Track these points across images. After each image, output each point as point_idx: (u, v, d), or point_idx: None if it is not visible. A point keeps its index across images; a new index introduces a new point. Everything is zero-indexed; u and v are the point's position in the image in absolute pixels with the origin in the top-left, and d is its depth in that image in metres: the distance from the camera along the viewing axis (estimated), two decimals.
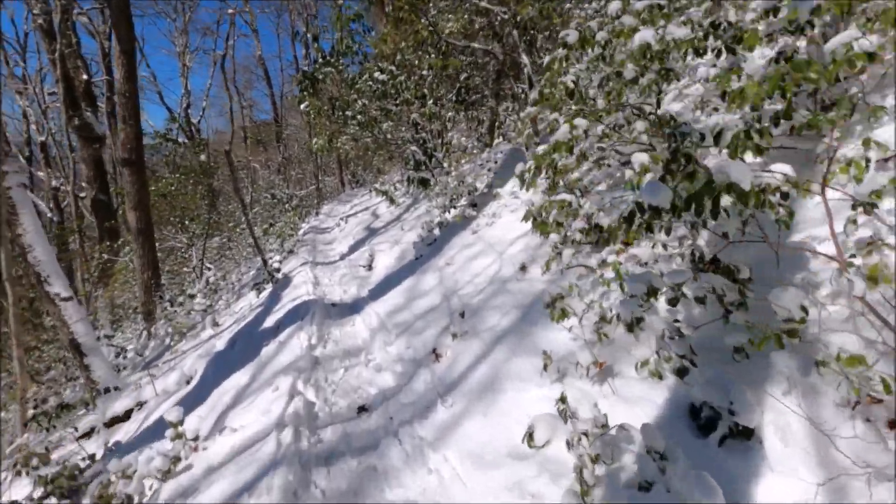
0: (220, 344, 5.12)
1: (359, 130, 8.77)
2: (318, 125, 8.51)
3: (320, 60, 7.97)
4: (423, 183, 8.34)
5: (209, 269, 10.91)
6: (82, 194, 12.65)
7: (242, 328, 5.19)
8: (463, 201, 6.12)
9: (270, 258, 8.06)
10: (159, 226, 11.06)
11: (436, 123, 8.72)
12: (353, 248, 7.72)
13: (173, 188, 10.07)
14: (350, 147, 10.09)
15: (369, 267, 6.10)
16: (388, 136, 8.16)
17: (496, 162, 6.74)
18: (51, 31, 11.67)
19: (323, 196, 18.03)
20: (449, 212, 6.05)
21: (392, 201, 9.24)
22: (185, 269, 10.39)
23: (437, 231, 5.91)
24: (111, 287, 11.31)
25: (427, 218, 6.97)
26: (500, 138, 8.30)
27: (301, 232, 11.00)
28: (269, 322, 4.85)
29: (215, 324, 6.70)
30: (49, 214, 12.77)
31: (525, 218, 4.34)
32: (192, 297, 7.52)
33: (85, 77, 12.20)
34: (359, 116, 7.54)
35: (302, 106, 8.20)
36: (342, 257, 7.51)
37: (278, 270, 6.37)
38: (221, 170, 19.78)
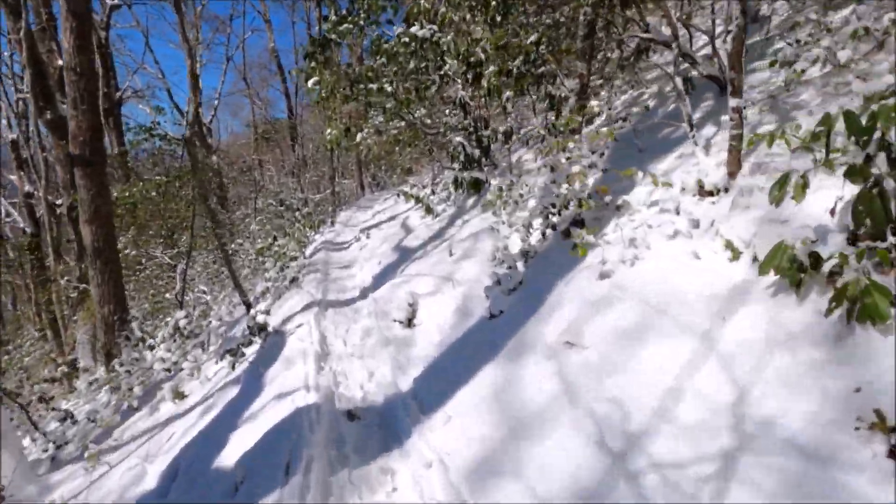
0: (151, 476, 2.88)
1: (386, 118, 6.51)
2: (331, 109, 6.29)
3: (334, 18, 5.73)
4: (476, 186, 6.04)
5: (204, 292, 8.80)
6: (58, 201, 10.80)
7: (190, 453, 2.93)
8: (553, 219, 3.75)
9: (264, 291, 5.86)
10: (143, 242, 9.01)
11: (490, 105, 6.40)
12: (381, 279, 5.44)
13: (154, 194, 8.00)
14: (373, 141, 7.85)
15: (409, 322, 3.80)
16: (428, 121, 5.87)
17: (602, 155, 4.36)
18: (17, 7, 9.79)
19: (340, 200, 15.90)
20: (543, 233, 3.71)
21: (429, 210, 6.96)
22: (167, 294, 8.30)
23: (520, 266, 3.58)
24: (88, 311, 9.31)
25: (492, 240, 4.64)
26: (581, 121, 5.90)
27: (312, 248, 8.80)
28: (229, 455, 2.58)
29: (179, 395, 4.51)
30: (21, 224, 10.91)
31: (768, 265, 1.99)
32: (153, 348, 5.36)
33: (61, 63, 10.32)
34: (387, 87, 5.27)
35: (310, 82, 5.98)
36: (364, 293, 5.24)
37: (264, 328, 4.11)
38: (228, 171, 17.83)
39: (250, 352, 4.10)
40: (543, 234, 3.59)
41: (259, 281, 6.82)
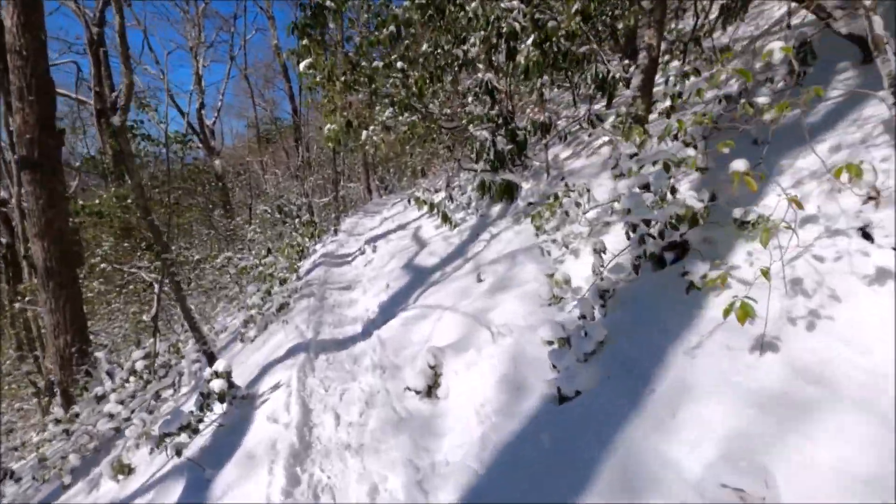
0: None
1: (398, 110, 5.37)
2: (328, 99, 5.16)
3: None
4: (508, 192, 4.86)
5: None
6: None
7: None
8: (649, 243, 2.55)
9: (247, 320, 4.75)
10: (118, 255, 7.96)
11: (521, 91, 5.23)
12: (389, 310, 4.29)
13: (129, 201, 6.95)
14: (380, 139, 6.71)
15: (428, 392, 2.63)
16: (448, 111, 4.72)
17: (696, 147, 3.15)
18: None
19: (345, 205, 14.81)
20: (636, 266, 2.51)
21: (446, 220, 5.78)
22: (144, 317, 7.23)
23: (597, 312, 2.39)
24: None
25: (536, 265, 3.45)
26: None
27: (311, 262, 7.69)
28: None
29: (122, 469, 3.38)
30: None
31: None
32: (101, 398, 4.25)
33: None
34: (398, 65, 4.12)
35: (302, 65, 4.85)
36: (367, 330, 4.09)
37: (223, 396, 2.95)
38: (231, 175, 16.85)
39: (207, 421, 2.95)
40: (636, 268, 2.39)
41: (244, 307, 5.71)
